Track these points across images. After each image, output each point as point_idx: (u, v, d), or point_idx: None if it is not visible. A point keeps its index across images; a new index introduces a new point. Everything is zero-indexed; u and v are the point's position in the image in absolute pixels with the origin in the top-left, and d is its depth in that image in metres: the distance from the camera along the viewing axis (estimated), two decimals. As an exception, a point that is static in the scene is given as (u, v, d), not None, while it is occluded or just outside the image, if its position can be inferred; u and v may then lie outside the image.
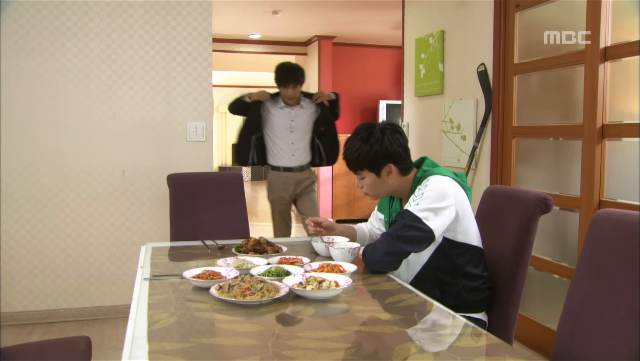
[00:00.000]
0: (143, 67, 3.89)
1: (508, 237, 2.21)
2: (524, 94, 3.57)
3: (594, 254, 1.73)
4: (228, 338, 1.39)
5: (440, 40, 4.33)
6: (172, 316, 1.54)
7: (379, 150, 2.06)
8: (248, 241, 2.25)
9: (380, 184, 2.13)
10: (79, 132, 3.81)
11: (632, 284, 1.57)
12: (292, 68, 4.20)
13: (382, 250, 1.97)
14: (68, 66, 3.78)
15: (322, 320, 1.54)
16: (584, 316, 1.71)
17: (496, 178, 3.69)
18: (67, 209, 3.84)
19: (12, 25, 3.67)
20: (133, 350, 1.30)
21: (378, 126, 2.13)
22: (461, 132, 4.07)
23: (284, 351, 1.29)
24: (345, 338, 1.39)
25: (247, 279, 1.70)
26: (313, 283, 1.72)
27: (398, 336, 1.40)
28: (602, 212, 1.75)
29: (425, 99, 4.68)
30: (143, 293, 1.78)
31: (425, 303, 1.67)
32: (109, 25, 3.82)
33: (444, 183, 2.03)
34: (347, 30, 7.47)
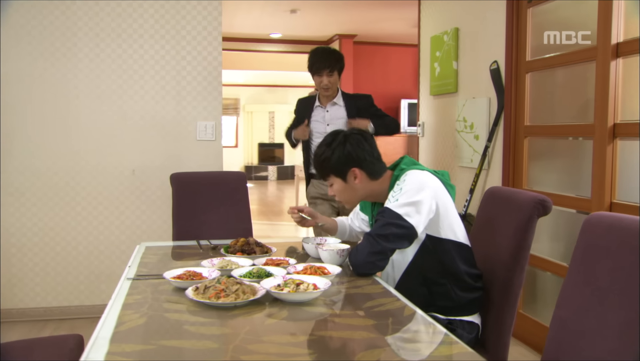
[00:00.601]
0: (153, 67, 3.91)
1: (505, 240, 2.14)
2: (537, 93, 3.47)
3: (584, 259, 1.66)
4: (191, 340, 1.36)
5: (454, 38, 4.24)
6: (142, 318, 1.53)
7: (341, 154, 2.06)
8: (237, 241, 2.23)
9: (349, 189, 2.11)
10: (90, 132, 3.85)
11: (621, 293, 1.49)
12: (327, 51, 3.63)
13: (364, 251, 1.93)
14: (79, 66, 3.82)
15: (293, 324, 1.50)
16: (572, 324, 1.64)
17: (508, 179, 3.59)
18: (78, 208, 3.88)
19: (25, 26, 3.73)
20: (92, 351, 1.28)
21: (343, 132, 2.14)
22: (474, 132, 3.98)
23: (242, 356, 1.26)
24: (309, 344, 1.35)
25: (223, 280, 1.68)
26: (291, 285, 1.68)
27: (365, 343, 1.35)
28: (594, 215, 1.67)
29: (440, 97, 4.60)
30: (122, 293, 1.77)
31: (404, 308, 1.61)
32: (120, 25, 3.85)
33: (422, 176, 1.99)
34: (367, 29, 7.41)
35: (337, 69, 3.59)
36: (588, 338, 1.57)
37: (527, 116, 3.49)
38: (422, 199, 1.92)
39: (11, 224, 3.80)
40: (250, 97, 16.17)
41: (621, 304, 1.48)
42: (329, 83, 3.59)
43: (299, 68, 10.73)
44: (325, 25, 7.29)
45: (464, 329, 2.06)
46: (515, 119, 3.55)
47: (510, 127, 3.56)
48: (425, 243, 2.00)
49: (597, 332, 1.55)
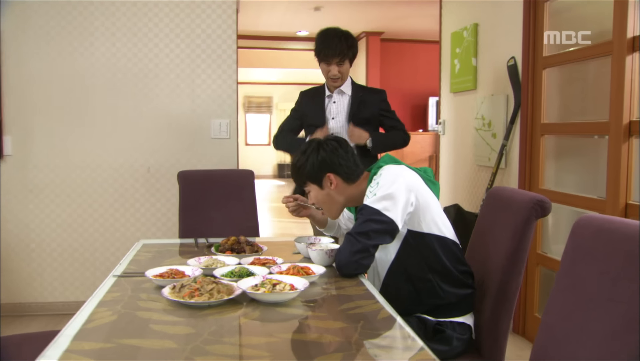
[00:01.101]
0: (168, 65, 3.94)
1: (503, 242, 2.07)
2: (554, 90, 3.35)
3: (572, 264, 1.58)
4: (152, 340, 1.35)
5: (473, 34, 4.14)
6: (113, 315, 1.52)
7: (315, 160, 2.05)
8: (228, 240, 2.21)
9: (327, 196, 2.09)
10: (106, 130, 3.91)
11: (607, 299, 1.42)
12: (338, 35, 3.03)
13: (346, 251, 1.89)
14: (96, 65, 3.89)
15: (260, 325, 1.47)
16: (557, 331, 1.57)
17: (524, 178, 3.48)
18: (95, 205, 3.95)
19: (44, 26, 3.81)
20: (51, 349, 1.28)
21: (318, 140, 2.13)
22: (492, 130, 3.88)
23: (197, 357, 1.24)
24: (268, 346, 1.32)
25: (199, 280, 1.66)
26: (267, 285, 1.66)
27: (325, 347, 1.31)
28: (584, 217, 1.59)
29: (459, 95, 4.50)
30: (103, 290, 1.77)
31: (379, 311, 1.56)
32: (135, 24, 3.90)
33: (397, 170, 1.96)
34: (394, 26, 7.33)
35: (349, 57, 3.07)
36: (572, 346, 1.50)
37: (544, 113, 3.38)
38: (397, 191, 1.88)
39: (31, 220, 3.89)
40: (283, 96, 16.22)
41: (605, 312, 1.41)
42: (338, 74, 3.08)
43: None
44: (351, 22, 7.23)
45: (454, 330, 2.00)
46: (532, 116, 3.43)
47: (527, 125, 3.45)
48: (407, 238, 1.95)
49: (580, 341, 1.47)
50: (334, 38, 3.01)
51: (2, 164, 3.83)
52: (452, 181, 4.66)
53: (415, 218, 1.95)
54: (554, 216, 3.42)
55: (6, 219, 3.86)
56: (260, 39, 8.23)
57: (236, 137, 4.07)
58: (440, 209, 2.05)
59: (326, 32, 3.08)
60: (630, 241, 1.39)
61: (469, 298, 2.06)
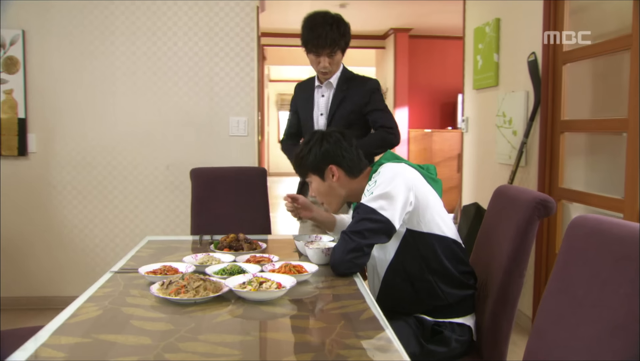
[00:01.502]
0: (187, 64, 3.98)
1: (506, 242, 2.01)
2: (574, 85, 3.25)
3: (565, 266, 1.53)
4: (128, 336, 1.35)
5: (495, 29, 4.05)
6: (98, 311, 1.54)
7: (317, 151, 2.04)
8: (228, 237, 2.22)
9: (328, 188, 2.07)
10: (126, 128, 3.98)
11: (594, 304, 1.36)
12: (328, 22, 2.64)
13: (340, 250, 1.87)
14: (116, 63, 3.95)
15: (240, 323, 1.47)
16: (548, 335, 1.52)
17: (544, 176, 3.39)
18: (115, 201, 4.02)
19: (67, 26, 3.89)
20: (30, 342, 1.30)
21: (321, 131, 2.12)
22: (512, 127, 3.78)
23: (168, 354, 1.24)
24: (242, 345, 1.31)
25: (186, 277, 1.67)
26: (254, 283, 1.65)
27: (298, 347, 1.30)
28: (578, 218, 1.54)
29: (482, 91, 4.41)
30: (96, 286, 1.80)
31: (364, 312, 1.54)
32: (155, 23, 3.95)
33: (397, 168, 1.92)
34: (423, 22, 7.24)
35: (341, 47, 2.68)
36: (561, 351, 1.45)
37: (564, 110, 3.28)
38: (395, 189, 1.85)
39: (53, 215, 3.99)
40: (315, 93, 16.16)
41: (593, 316, 1.35)
42: (329, 66, 2.70)
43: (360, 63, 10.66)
44: (379, 19, 7.18)
45: (453, 331, 1.96)
46: (551, 113, 3.34)
47: (547, 122, 3.36)
48: (406, 237, 1.91)
49: (569, 346, 1.42)
50: (324, 26, 2.62)
51: (26, 162, 3.93)
52: (474, 179, 4.57)
53: (414, 217, 1.92)
54: (569, 215, 3.32)
55: (30, 215, 3.97)
56: (289, 37, 8.24)
57: (255, 135, 4.08)
58: (442, 208, 2.01)
59: (314, 18, 2.68)
60: (620, 243, 1.33)
61: (469, 298, 2.02)
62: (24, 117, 3.88)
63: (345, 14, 6.68)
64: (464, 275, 2.00)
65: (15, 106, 3.87)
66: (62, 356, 1.24)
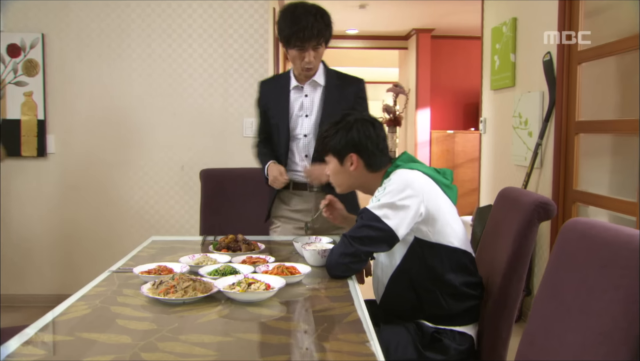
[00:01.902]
0: (201, 65, 4.02)
1: (504, 246, 1.98)
2: (589, 86, 3.18)
3: (555, 271, 1.50)
4: (110, 335, 1.37)
5: (512, 29, 3.99)
6: (88, 309, 1.56)
7: (343, 136, 1.97)
8: (226, 237, 2.22)
9: (343, 173, 2.02)
10: (141, 129, 4.03)
11: (582, 310, 1.33)
12: (310, 10, 2.39)
13: (337, 252, 1.85)
14: (133, 65, 4.01)
15: (222, 324, 1.47)
16: (538, 341, 1.49)
17: (559, 178, 3.32)
18: (131, 201, 4.08)
19: (85, 29, 3.97)
20: (14, 339, 1.33)
21: (355, 114, 2.04)
22: (528, 128, 3.72)
23: (145, 353, 1.25)
24: (219, 346, 1.31)
25: (176, 277, 1.68)
26: (243, 284, 1.65)
27: (274, 348, 1.29)
28: (570, 222, 1.51)
29: (499, 92, 4.35)
30: (92, 285, 1.82)
31: (348, 315, 1.53)
32: (170, 26, 4.00)
33: (409, 175, 1.87)
34: (445, 22, 7.17)
35: (326, 38, 2.46)
36: (550, 357, 1.41)
37: (578, 110, 3.21)
38: (403, 200, 1.81)
39: (71, 215, 4.07)
40: (342, 95, 16.17)
41: (580, 323, 1.32)
42: (314, 60, 2.46)
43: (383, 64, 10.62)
44: (400, 19, 7.14)
45: (453, 340, 1.92)
46: (566, 114, 3.27)
47: (562, 123, 3.29)
48: (414, 246, 1.87)
49: (558, 353, 1.38)
50: (307, 16, 2.35)
51: (46, 162, 4.02)
52: (491, 181, 4.51)
53: (423, 227, 1.87)
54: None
55: (49, 214, 4.06)
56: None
57: (268, 136, 4.09)
58: (454, 217, 1.94)
59: (294, 9, 2.40)
60: (607, 248, 1.30)
61: (474, 309, 1.96)
62: (43, 119, 3.97)
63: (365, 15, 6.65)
64: (471, 286, 1.94)
65: (35, 107, 3.96)
66: (41, 355, 1.26)
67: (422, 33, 7.64)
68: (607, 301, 1.24)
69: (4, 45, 3.94)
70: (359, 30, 7.95)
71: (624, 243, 1.24)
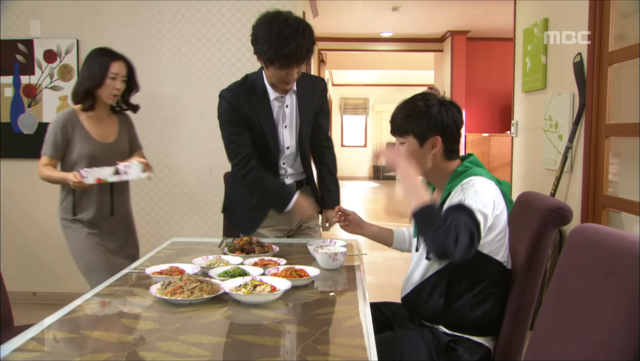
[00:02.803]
0: (230, 69, 4.07)
1: (520, 251, 1.94)
2: (620, 87, 3.08)
3: (561, 277, 1.46)
4: (113, 333, 1.40)
5: (543, 30, 3.90)
6: (97, 307, 1.61)
7: (431, 117, 1.86)
8: (241, 239, 2.24)
9: (420, 156, 1.89)
10: (170, 132, 4.11)
11: (584, 319, 1.29)
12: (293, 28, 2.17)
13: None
14: (163, 70, 4.09)
15: (223, 325, 1.49)
16: (542, 350, 1.46)
17: (588, 183, 3.23)
18: (161, 203, 4.16)
19: (116, 34, 4.07)
20: (20, 336, 1.37)
21: (434, 96, 1.94)
22: (558, 131, 3.63)
23: (142, 352, 1.27)
24: (215, 346, 1.33)
25: (184, 278, 1.71)
26: (249, 286, 1.67)
27: (268, 350, 1.30)
28: (578, 228, 1.47)
29: (530, 95, 4.26)
30: (106, 284, 1.87)
31: (350, 318, 1.52)
32: (199, 30, 4.06)
33: (491, 190, 1.79)
34: (480, 24, 7.07)
35: (309, 55, 2.27)
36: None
37: (609, 113, 3.11)
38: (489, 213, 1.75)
39: (103, 216, 4.17)
40: (379, 97, 16.16)
41: (582, 332, 1.29)
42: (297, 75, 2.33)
43: (419, 67, 10.54)
44: (434, 21, 7.08)
45: (468, 349, 1.88)
46: (597, 116, 3.18)
47: (592, 126, 3.20)
48: None
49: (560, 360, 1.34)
50: (296, 36, 2.16)
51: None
52: (522, 185, 4.41)
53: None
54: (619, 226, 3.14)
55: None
56: (345, 41, 8.27)
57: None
58: (507, 231, 1.89)
59: (279, 27, 2.16)
60: (610, 254, 1.26)
61: (496, 321, 1.91)
62: (77, 122, 4.08)
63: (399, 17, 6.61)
64: (500, 300, 1.91)
65: (70, 111, 4.08)
66: (45, 350, 1.31)
67: (457, 35, 7.55)
68: (608, 310, 1.20)
69: (41, 51, 4.08)
70: (393, 33, 7.91)
71: (627, 249, 1.21)
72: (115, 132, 2.91)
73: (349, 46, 8.39)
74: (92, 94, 2.74)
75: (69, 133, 2.73)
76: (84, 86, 2.73)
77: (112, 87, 2.75)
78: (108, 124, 2.89)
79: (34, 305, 4.17)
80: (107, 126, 2.88)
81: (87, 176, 2.62)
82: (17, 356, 1.25)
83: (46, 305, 4.13)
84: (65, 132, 2.72)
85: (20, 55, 4.08)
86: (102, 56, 2.80)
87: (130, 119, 3.06)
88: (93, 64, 2.76)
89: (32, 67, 4.08)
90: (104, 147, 2.82)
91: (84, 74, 2.76)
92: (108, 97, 2.78)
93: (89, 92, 2.73)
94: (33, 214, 4.21)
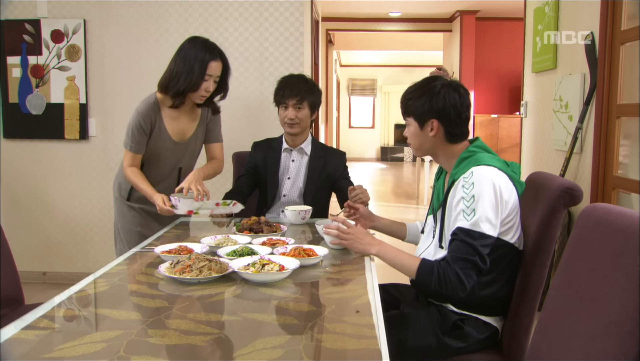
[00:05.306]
0: (237, 49, 4.05)
1: (529, 232, 1.93)
2: (632, 67, 3.03)
3: (570, 258, 1.45)
4: (122, 311, 1.41)
5: (554, 9, 3.84)
6: (106, 286, 1.61)
7: (427, 100, 1.89)
8: (249, 219, 2.25)
9: (421, 137, 1.95)
10: (179, 112, 4.10)
11: (594, 299, 1.29)
12: (297, 76, 2.84)
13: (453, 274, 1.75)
14: (170, 50, 4.02)
15: (232, 304, 1.50)
16: (551, 330, 1.45)
17: (598, 164, 3.20)
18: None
19: (124, 15, 4.05)
20: (31, 313, 1.38)
21: (442, 79, 1.95)
22: (568, 112, 3.59)
23: (151, 330, 1.28)
24: (222, 324, 1.34)
25: (193, 257, 1.71)
26: (257, 265, 1.67)
27: (277, 329, 1.31)
28: (589, 207, 1.45)
29: (540, 75, 4.21)
30: (116, 262, 1.88)
31: (359, 297, 1.52)
32: (207, 10, 4.03)
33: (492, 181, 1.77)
34: (490, 4, 6.97)
35: (307, 100, 2.73)
36: (562, 347, 1.38)
37: (620, 93, 3.07)
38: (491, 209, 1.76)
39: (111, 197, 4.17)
40: (387, 78, 16.05)
41: (592, 312, 1.28)
42: (295, 118, 2.72)
43: (427, 47, 10.44)
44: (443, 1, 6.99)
45: (475, 328, 1.89)
46: (607, 97, 3.14)
47: (602, 106, 3.16)
48: None
49: (568, 341, 1.35)
50: (293, 79, 2.78)
51: (87, 145, 4.15)
52: (531, 166, 4.38)
53: None
54: (629, 207, 3.12)
55: (90, 196, 4.19)
56: (353, 21, 8.19)
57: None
58: (517, 213, 1.89)
59: (287, 76, 2.85)
60: (622, 234, 1.25)
61: (505, 302, 1.92)
62: (85, 103, 4.09)
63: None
64: (510, 281, 1.91)
65: (77, 91, 4.08)
66: (55, 328, 1.32)
67: (466, 15, 7.46)
68: (619, 290, 1.19)
69: (48, 31, 4.06)
70: (401, 13, 7.83)
71: (638, 229, 1.19)
72: (192, 130, 2.69)
73: (357, 26, 8.31)
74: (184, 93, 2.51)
75: (151, 125, 2.55)
76: (178, 86, 2.47)
77: (203, 88, 2.49)
78: (187, 121, 2.67)
79: (44, 284, 4.22)
80: (186, 123, 2.67)
81: (179, 207, 2.38)
82: (27, 334, 1.26)
83: (56, 285, 4.19)
84: (149, 122, 2.54)
85: (27, 36, 4.07)
86: (203, 52, 2.48)
87: (215, 109, 2.80)
88: (191, 59, 2.46)
89: (39, 48, 4.07)
90: (175, 146, 2.63)
91: (180, 68, 2.47)
92: (197, 98, 2.54)
93: (183, 92, 2.50)
94: (42, 195, 4.23)
